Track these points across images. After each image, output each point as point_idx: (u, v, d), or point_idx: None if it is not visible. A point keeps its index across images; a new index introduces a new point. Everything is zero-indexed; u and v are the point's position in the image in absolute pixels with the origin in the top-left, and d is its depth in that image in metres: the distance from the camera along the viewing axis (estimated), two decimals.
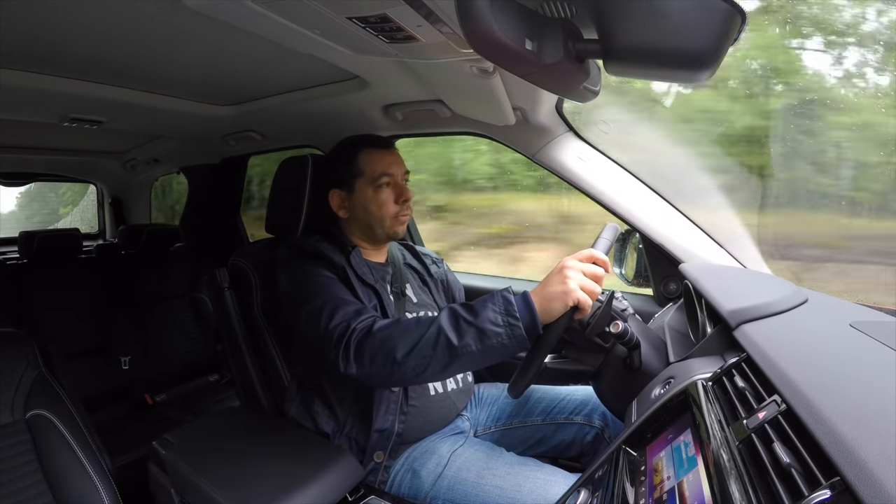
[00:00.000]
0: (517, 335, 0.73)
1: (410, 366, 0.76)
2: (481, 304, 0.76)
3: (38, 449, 0.84)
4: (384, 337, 0.78)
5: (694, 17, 0.51)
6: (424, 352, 0.75)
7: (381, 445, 0.91)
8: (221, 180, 1.97)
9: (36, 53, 0.90)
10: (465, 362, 0.76)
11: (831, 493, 0.32)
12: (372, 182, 1.00)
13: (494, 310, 0.74)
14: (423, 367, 0.76)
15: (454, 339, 0.74)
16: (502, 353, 0.75)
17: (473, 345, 0.74)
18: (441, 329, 0.75)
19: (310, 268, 0.93)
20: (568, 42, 0.58)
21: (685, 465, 0.48)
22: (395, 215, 1.01)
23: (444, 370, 0.77)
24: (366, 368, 0.79)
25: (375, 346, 0.78)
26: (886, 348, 0.52)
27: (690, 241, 1.08)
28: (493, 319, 0.74)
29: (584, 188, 1.13)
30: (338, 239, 1.02)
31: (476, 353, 0.74)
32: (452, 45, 0.73)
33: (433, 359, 0.75)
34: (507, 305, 0.74)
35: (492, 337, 0.73)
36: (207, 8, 0.68)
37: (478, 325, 0.74)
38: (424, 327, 0.77)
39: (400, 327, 0.79)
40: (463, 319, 0.75)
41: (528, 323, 0.73)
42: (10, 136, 1.68)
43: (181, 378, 1.92)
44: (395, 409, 0.92)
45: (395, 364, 0.76)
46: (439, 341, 0.75)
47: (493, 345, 0.73)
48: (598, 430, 1.01)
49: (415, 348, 0.76)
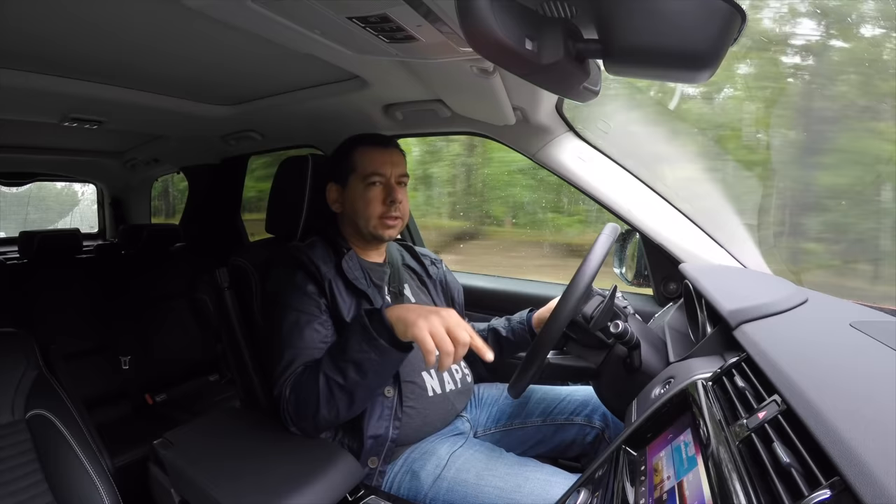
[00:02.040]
0: (385, 352, 0.78)
1: (327, 416, 0.83)
2: (346, 337, 0.82)
3: (38, 449, 0.84)
4: (297, 400, 0.84)
5: (694, 17, 0.51)
6: (329, 401, 0.82)
7: (375, 451, 0.91)
8: (221, 180, 1.97)
9: (36, 53, 0.90)
10: (363, 390, 0.82)
11: (831, 493, 0.32)
12: (363, 179, 1.00)
13: (356, 338, 0.79)
14: (336, 411, 0.83)
15: (340, 379, 0.80)
16: (384, 370, 0.81)
17: (357, 377, 0.80)
18: (327, 377, 0.81)
19: (293, 291, 0.94)
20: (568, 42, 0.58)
21: (685, 465, 0.48)
22: (380, 216, 1.00)
23: (353, 405, 0.83)
24: (298, 426, 0.87)
25: (295, 409, 0.85)
26: (886, 348, 0.52)
27: (690, 241, 1.08)
28: (359, 348, 0.79)
29: (584, 188, 1.13)
30: (334, 240, 1.02)
31: (364, 382, 0.80)
32: (452, 45, 0.73)
33: (338, 403, 0.82)
34: (365, 331, 0.78)
35: (366, 363, 0.79)
36: (207, 8, 0.68)
37: (351, 359, 0.79)
38: (314, 379, 0.82)
39: (302, 387, 0.84)
40: (338, 359, 0.81)
41: (390, 339, 0.78)
42: (10, 136, 1.68)
43: (181, 378, 1.92)
44: (388, 415, 0.91)
45: (315, 419, 0.83)
46: (333, 388, 0.81)
47: (373, 369, 0.79)
48: (598, 430, 1.00)
49: (320, 402, 0.82)
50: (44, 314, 1.70)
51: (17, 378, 0.88)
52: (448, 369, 1.01)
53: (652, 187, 1.12)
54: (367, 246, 1.06)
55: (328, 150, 1.43)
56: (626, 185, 1.12)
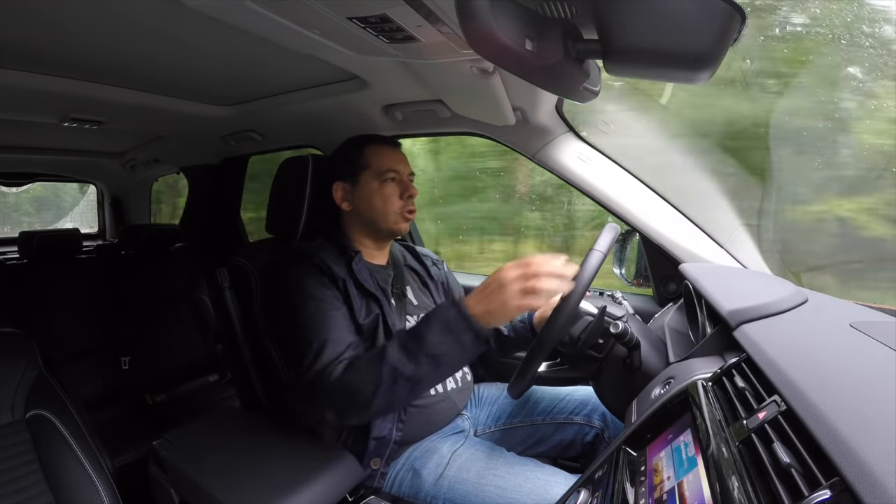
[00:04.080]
0: (466, 345, 0.76)
1: (380, 405, 0.80)
2: (425, 327, 0.78)
3: (38, 449, 0.84)
4: (348, 385, 0.81)
5: (694, 18, 0.51)
6: (387, 391, 0.78)
7: (378, 453, 0.91)
8: (221, 180, 1.97)
9: (36, 53, 0.90)
10: (429, 383, 0.81)
11: (831, 493, 0.32)
12: (378, 176, 1.00)
13: (436, 331, 0.77)
14: (391, 402, 0.80)
15: (410, 371, 0.77)
16: (462, 363, 0.80)
17: (430, 370, 0.78)
18: (394, 367, 0.78)
19: (308, 287, 0.91)
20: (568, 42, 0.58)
21: (685, 466, 0.48)
22: (399, 210, 1.01)
23: (410, 396, 0.81)
24: (339, 414, 0.84)
25: (341, 395, 0.82)
26: (886, 348, 0.52)
27: (690, 241, 1.08)
28: (439, 341, 0.76)
29: (584, 188, 1.13)
30: (340, 242, 1.01)
31: (436, 374, 0.79)
32: (452, 45, 0.73)
33: (397, 393, 0.79)
34: (447, 325, 0.76)
35: (444, 357, 0.77)
36: (207, 8, 0.68)
37: (427, 352, 0.77)
38: (377, 367, 0.79)
39: (359, 372, 0.81)
40: (412, 351, 0.78)
41: (472, 330, 0.75)
42: (10, 136, 1.68)
43: (181, 378, 1.92)
44: (392, 417, 0.91)
45: (365, 408, 0.80)
46: (397, 378, 0.78)
47: (448, 361, 0.77)
48: (597, 430, 1.01)
49: (378, 391, 0.78)
50: (44, 314, 1.70)
51: (17, 378, 0.88)
52: None
53: (652, 187, 1.12)
54: (374, 246, 1.06)
55: (328, 150, 1.43)
56: (625, 186, 1.12)
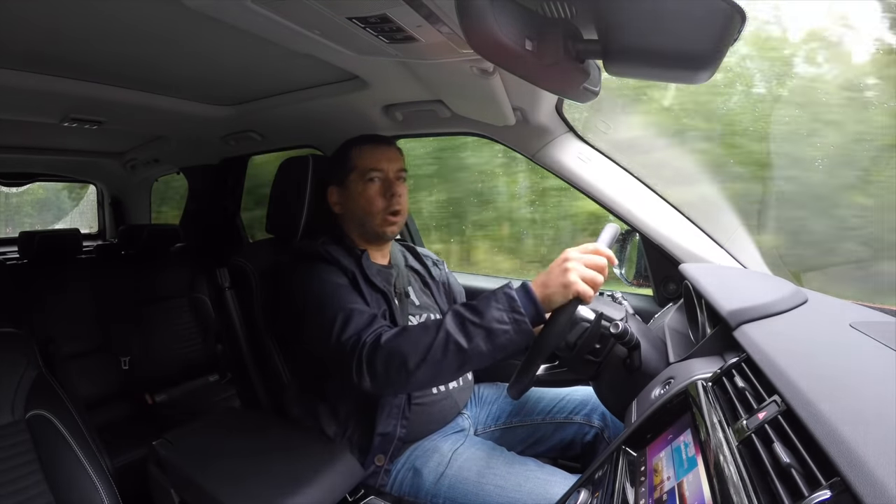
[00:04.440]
0: (524, 330, 0.75)
1: (423, 374, 0.77)
2: (485, 304, 0.77)
3: (38, 449, 0.84)
4: (393, 348, 0.78)
5: (694, 17, 0.51)
6: (436, 358, 0.76)
7: (383, 449, 0.91)
8: (221, 180, 1.97)
9: (36, 53, 0.90)
10: (476, 362, 0.78)
11: (831, 494, 0.32)
12: (362, 177, 1.00)
13: (499, 308, 0.75)
14: (437, 372, 0.78)
15: (463, 342, 0.75)
16: (511, 348, 0.76)
17: (483, 345, 0.75)
18: (449, 334, 0.76)
19: (320, 273, 0.92)
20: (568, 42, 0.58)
21: (685, 466, 0.48)
22: (382, 210, 1.00)
23: (456, 372, 0.79)
24: (380, 381, 0.79)
25: (386, 359, 0.78)
26: (886, 349, 0.52)
27: (690, 241, 1.08)
28: (499, 318, 0.75)
29: (584, 188, 1.13)
30: (344, 241, 1.02)
31: (486, 352, 0.76)
32: (452, 45, 0.73)
33: (445, 364, 0.76)
34: (511, 302, 0.75)
35: (500, 335, 0.75)
36: (207, 8, 0.68)
37: (485, 326, 0.75)
38: (432, 334, 0.77)
39: (409, 337, 0.79)
40: (469, 322, 0.76)
41: (534, 316, 0.75)
42: (10, 136, 1.68)
43: (181, 378, 1.92)
44: (397, 413, 0.91)
45: (409, 374, 0.77)
46: (448, 347, 0.76)
47: (501, 342, 0.75)
48: (597, 429, 1.01)
49: (426, 357, 0.76)
50: (44, 314, 1.70)
51: (17, 378, 0.88)
52: None
53: (651, 187, 1.12)
54: (372, 246, 1.06)
55: (328, 150, 1.43)
56: (625, 186, 1.12)
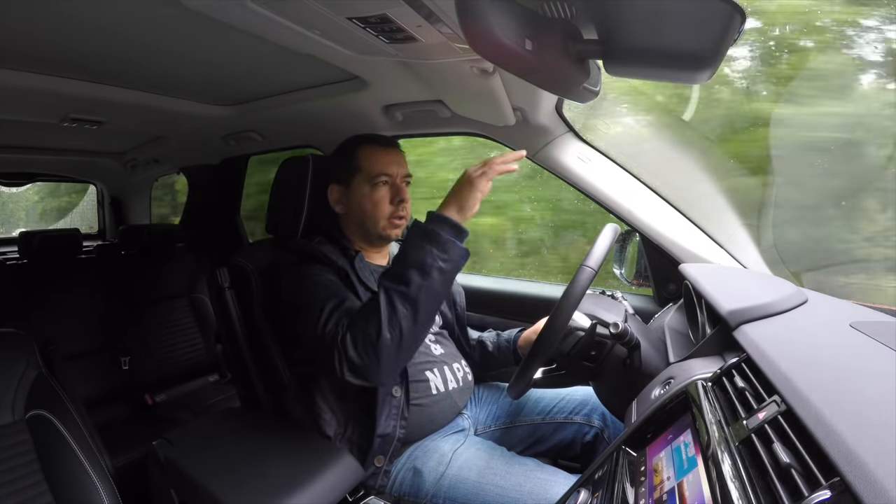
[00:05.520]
0: (447, 246, 0.79)
1: (389, 338, 0.78)
2: (404, 245, 0.81)
3: (38, 449, 0.84)
4: (354, 328, 0.80)
5: (694, 17, 0.51)
6: (391, 317, 0.78)
7: (382, 450, 0.91)
8: (221, 180, 1.97)
9: (36, 53, 0.90)
10: (427, 295, 0.79)
11: (831, 494, 0.32)
12: (369, 180, 1.00)
13: (414, 242, 0.80)
14: (399, 330, 0.78)
15: (403, 288, 0.78)
16: (447, 273, 0.80)
17: (421, 279, 0.78)
18: (388, 289, 0.79)
19: (312, 271, 0.92)
20: (568, 42, 0.58)
21: (685, 466, 0.48)
22: (389, 216, 1.00)
23: (417, 322, 0.80)
24: (355, 365, 0.80)
25: (353, 341, 0.80)
26: (886, 348, 0.52)
27: (690, 241, 1.08)
28: (419, 246, 0.79)
29: (584, 188, 1.13)
30: (340, 242, 1.01)
31: (427, 283, 0.78)
32: (452, 45, 0.73)
33: (401, 318, 0.78)
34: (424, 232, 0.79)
35: (428, 261, 0.78)
36: (207, 8, 0.68)
37: (412, 263, 0.78)
38: (376, 299, 0.80)
39: (361, 313, 0.82)
40: (400, 269, 0.80)
41: (457, 234, 0.80)
42: (10, 136, 1.67)
43: (181, 378, 1.92)
44: (396, 414, 0.92)
45: (374, 345, 0.78)
46: (394, 299, 0.78)
47: (436, 270, 0.78)
48: (597, 429, 1.01)
49: (381, 323, 0.77)
50: (44, 314, 1.70)
51: (17, 378, 0.88)
52: (451, 367, 1.02)
53: (652, 188, 1.12)
54: (371, 248, 1.06)
55: (328, 150, 1.43)
56: (625, 186, 1.12)
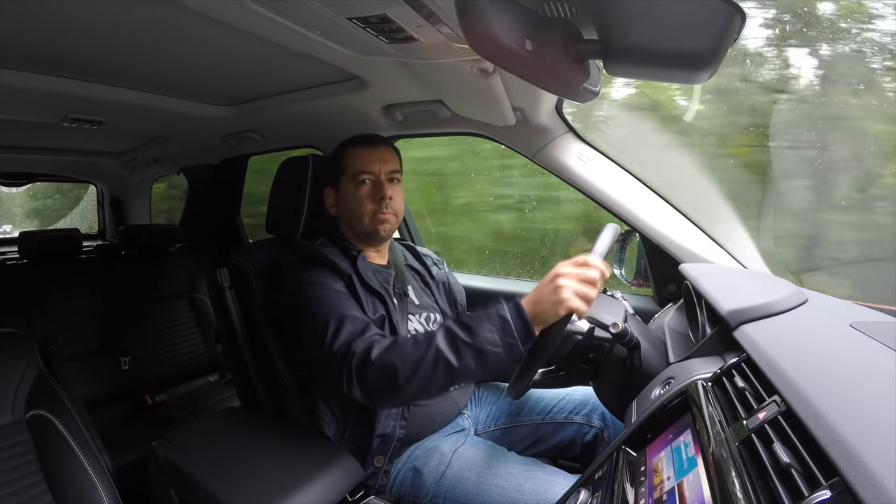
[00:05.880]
0: (515, 352, 0.75)
1: (413, 389, 0.78)
2: (478, 323, 0.77)
3: (38, 449, 0.84)
4: (384, 362, 0.78)
5: (694, 17, 0.51)
6: (425, 375, 0.77)
7: (382, 450, 0.91)
8: (221, 180, 1.97)
9: (36, 53, 0.90)
10: (464, 380, 0.79)
11: (831, 494, 0.32)
12: (353, 178, 1.00)
13: (491, 329, 0.75)
14: (425, 389, 0.78)
15: (454, 360, 0.75)
16: (501, 368, 0.77)
17: (473, 365, 0.75)
18: (440, 351, 0.76)
19: (316, 276, 0.92)
20: (568, 42, 0.58)
21: (685, 466, 0.48)
22: (372, 213, 0.99)
23: (444, 389, 0.81)
24: (369, 393, 0.80)
25: (376, 372, 0.79)
26: (886, 349, 0.52)
27: (690, 241, 1.08)
28: (492, 340, 0.75)
29: (584, 189, 1.13)
30: (341, 242, 1.01)
31: (475, 371, 0.76)
32: (452, 45, 0.73)
33: (434, 381, 0.77)
34: (504, 324, 0.75)
35: (491, 356, 0.75)
36: (207, 8, 0.68)
37: (476, 346, 0.75)
38: (423, 349, 0.77)
39: (399, 351, 0.79)
40: (461, 340, 0.76)
41: (524, 336, 0.75)
42: (10, 136, 1.68)
43: (181, 378, 1.92)
44: (396, 414, 0.92)
45: (398, 389, 0.77)
46: (439, 364, 0.76)
47: (491, 363, 0.75)
48: (597, 429, 1.01)
49: (416, 373, 0.76)
50: (44, 314, 1.69)
51: (17, 378, 0.88)
52: None
53: (651, 187, 1.12)
54: (369, 247, 1.06)
55: (328, 150, 1.42)
56: (625, 186, 1.12)
